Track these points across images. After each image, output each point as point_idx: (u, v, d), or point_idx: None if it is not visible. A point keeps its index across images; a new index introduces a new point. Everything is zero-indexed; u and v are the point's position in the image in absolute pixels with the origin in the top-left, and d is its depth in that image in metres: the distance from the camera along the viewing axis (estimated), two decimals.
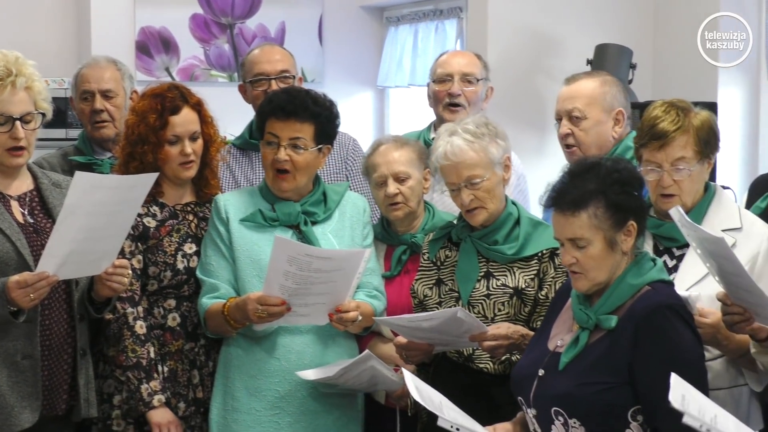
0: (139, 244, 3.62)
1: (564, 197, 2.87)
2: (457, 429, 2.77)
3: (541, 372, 2.90)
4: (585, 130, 3.78)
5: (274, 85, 4.23)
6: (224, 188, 4.02)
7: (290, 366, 3.57)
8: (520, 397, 2.96)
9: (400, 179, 3.77)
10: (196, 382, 3.68)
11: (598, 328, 2.86)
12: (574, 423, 2.81)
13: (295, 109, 3.57)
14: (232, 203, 3.66)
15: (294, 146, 3.57)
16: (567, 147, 3.83)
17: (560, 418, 2.83)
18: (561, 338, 2.95)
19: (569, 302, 3.00)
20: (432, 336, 3.33)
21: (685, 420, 2.35)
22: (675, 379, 2.52)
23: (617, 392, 2.78)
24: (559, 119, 3.86)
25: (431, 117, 4.48)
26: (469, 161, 3.41)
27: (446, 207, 4.00)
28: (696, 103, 3.40)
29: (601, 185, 2.85)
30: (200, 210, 3.75)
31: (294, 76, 4.31)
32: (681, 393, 2.47)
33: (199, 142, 3.68)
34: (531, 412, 2.92)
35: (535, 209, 4.24)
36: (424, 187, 3.83)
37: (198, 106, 3.69)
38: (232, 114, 4.07)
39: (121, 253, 3.50)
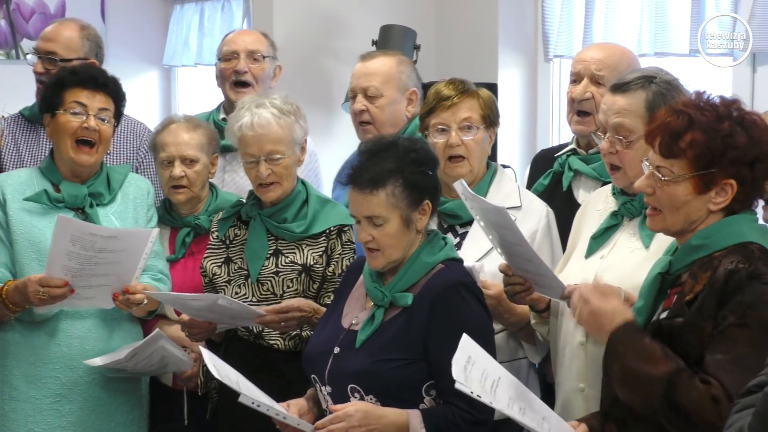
0: None
1: (362, 175, 2.90)
2: (258, 405, 2.79)
3: (336, 350, 2.92)
4: (380, 107, 3.83)
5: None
6: (6, 160, 3.90)
7: (72, 352, 3.50)
8: (313, 375, 2.98)
9: (187, 162, 3.72)
10: None
11: (394, 306, 2.91)
12: (371, 399, 2.85)
13: (106, 83, 3.57)
14: (9, 185, 3.56)
15: (102, 118, 3.53)
16: (361, 124, 3.86)
17: (356, 394, 2.86)
18: (355, 316, 2.98)
19: (361, 280, 3.04)
20: (207, 315, 3.33)
21: (457, 386, 2.45)
22: (465, 340, 2.59)
23: (413, 368, 2.84)
24: (353, 96, 3.88)
25: (219, 97, 4.44)
26: (274, 135, 3.41)
27: (237, 187, 3.98)
28: (477, 84, 3.50)
29: (399, 165, 2.89)
30: None
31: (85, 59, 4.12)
32: (468, 354, 2.55)
33: None
34: (325, 390, 2.93)
35: (327, 188, 4.26)
36: (210, 172, 3.81)
37: None
38: (11, 92, 3.93)
39: None
